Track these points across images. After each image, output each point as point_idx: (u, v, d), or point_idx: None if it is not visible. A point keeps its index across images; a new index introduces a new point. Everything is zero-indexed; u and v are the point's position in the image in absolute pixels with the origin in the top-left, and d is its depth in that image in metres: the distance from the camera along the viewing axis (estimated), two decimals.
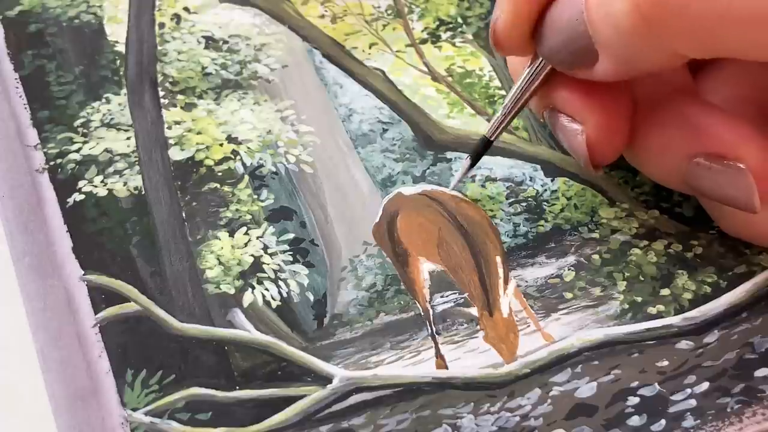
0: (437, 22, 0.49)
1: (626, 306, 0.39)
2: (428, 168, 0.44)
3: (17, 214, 0.41)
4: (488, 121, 0.45)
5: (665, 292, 0.39)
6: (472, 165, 0.38)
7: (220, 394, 0.36)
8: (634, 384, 0.36)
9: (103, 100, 0.44)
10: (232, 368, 0.37)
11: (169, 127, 0.44)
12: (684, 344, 0.37)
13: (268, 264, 0.40)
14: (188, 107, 0.44)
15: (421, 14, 0.49)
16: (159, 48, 0.46)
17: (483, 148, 0.38)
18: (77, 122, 0.43)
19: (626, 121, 0.34)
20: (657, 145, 0.35)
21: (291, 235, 0.41)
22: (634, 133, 0.35)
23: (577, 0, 0.30)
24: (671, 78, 0.36)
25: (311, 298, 0.40)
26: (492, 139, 0.37)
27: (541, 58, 0.34)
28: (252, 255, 0.40)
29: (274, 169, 0.43)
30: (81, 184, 0.42)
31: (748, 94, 0.37)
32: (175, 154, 0.43)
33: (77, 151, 0.42)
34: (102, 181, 0.42)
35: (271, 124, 0.44)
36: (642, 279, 0.39)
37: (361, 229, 0.42)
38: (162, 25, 0.47)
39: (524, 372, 0.37)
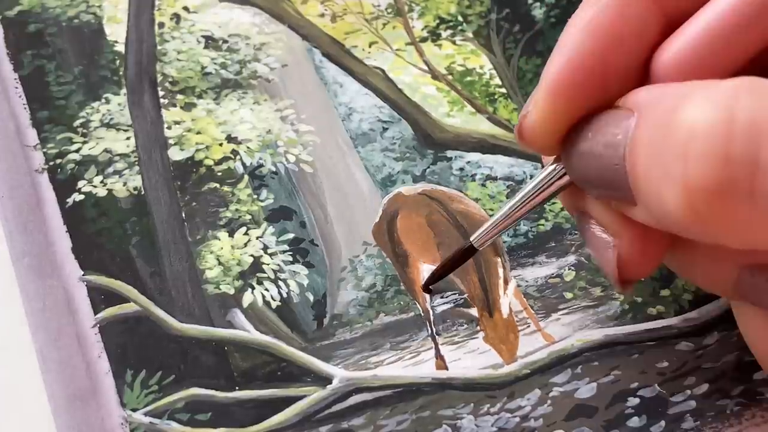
0: (437, 21, 0.49)
1: (626, 306, 0.39)
2: (428, 167, 0.44)
3: (17, 215, 0.41)
4: (489, 119, 0.45)
5: (665, 292, 0.39)
6: (447, 272, 0.34)
7: (219, 394, 0.36)
8: (634, 385, 0.36)
9: (103, 100, 0.44)
10: (231, 368, 0.37)
11: (169, 127, 0.44)
12: (684, 345, 0.37)
13: (267, 264, 0.40)
14: (188, 107, 0.44)
15: (421, 12, 0.49)
16: (158, 48, 0.46)
17: (463, 256, 0.33)
18: (77, 122, 0.43)
19: (666, 238, 0.29)
20: (706, 251, 0.30)
21: (291, 235, 0.41)
22: (677, 238, 0.29)
23: (619, 135, 0.25)
24: None
25: (311, 298, 0.39)
26: (479, 248, 0.32)
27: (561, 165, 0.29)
28: (252, 255, 0.40)
29: (273, 169, 0.43)
30: (80, 184, 0.42)
31: None
32: (175, 154, 0.43)
33: (77, 151, 0.42)
34: (101, 182, 0.42)
35: (270, 124, 0.44)
36: (642, 279, 0.39)
37: (361, 229, 0.42)
38: (161, 25, 0.47)
39: (524, 373, 0.37)
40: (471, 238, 0.32)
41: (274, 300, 0.39)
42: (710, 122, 0.22)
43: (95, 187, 0.42)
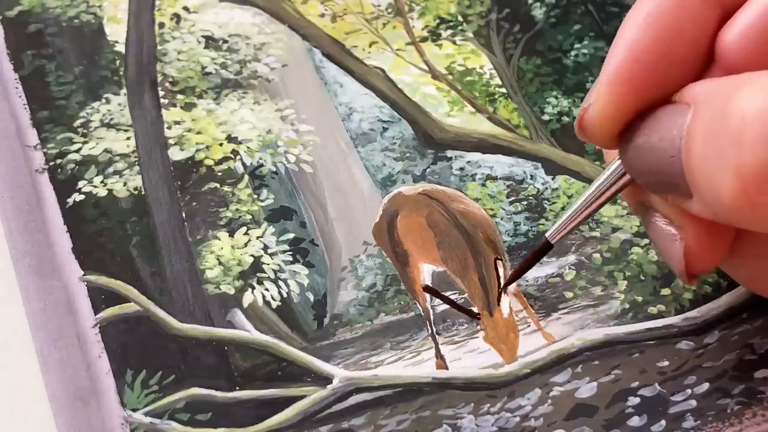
0: (437, 20, 0.49)
1: (627, 306, 0.39)
2: (428, 167, 0.44)
3: (17, 215, 0.41)
4: (489, 119, 0.45)
5: (666, 291, 0.39)
6: (526, 269, 0.35)
7: (220, 394, 0.36)
8: (635, 384, 0.36)
9: (103, 101, 0.44)
10: (232, 368, 0.37)
11: (169, 127, 0.44)
12: (684, 344, 0.37)
13: (268, 264, 0.40)
14: (188, 107, 0.44)
15: (421, 12, 0.49)
16: (159, 48, 0.46)
17: (541, 251, 0.33)
18: (77, 122, 0.43)
19: (730, 229, 0.29)
20: (765, 252, 0.30)
21: (291, 235, 0.41)
22: (737, 238, 0.29)
23: (675, 129, 0.25)
24: None
25: (311, 298, 0.39)
26: (554, 242, 0.33)
27: None
28: (252, 255, 0.40)
29: (273, 169, 0.43)
30: (81, 184, 0.42)
31: None
32: (175, 154, 0.43)
33: (77, 151, 0.42)
34: (102, 182, 0.42)
35: (270, 124, 0.44)
36: (643, 278, 0.39)
37: (361, 229, 0.42)
38: (162, 25, 0.47)
39: (524, 372, 0.37)
40: (546, 234, 0.33)
41: (275, 300, 0.39)
42: (763, 108, 0.22)
43: (95, 187, 0.42)
